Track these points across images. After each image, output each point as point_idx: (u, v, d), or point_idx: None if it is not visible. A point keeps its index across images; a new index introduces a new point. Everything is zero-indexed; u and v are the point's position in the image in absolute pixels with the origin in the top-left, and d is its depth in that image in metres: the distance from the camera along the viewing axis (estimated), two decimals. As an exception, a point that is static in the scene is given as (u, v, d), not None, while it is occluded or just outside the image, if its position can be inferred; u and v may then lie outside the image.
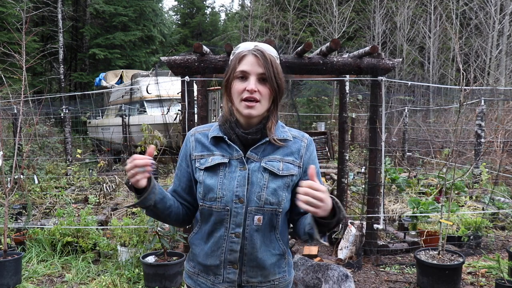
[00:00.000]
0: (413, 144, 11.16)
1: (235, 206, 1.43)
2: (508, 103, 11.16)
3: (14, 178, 5.01)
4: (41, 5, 17.65)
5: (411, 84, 9.32)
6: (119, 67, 18.99)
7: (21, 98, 4.32)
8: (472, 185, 7.24)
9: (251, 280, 1.47)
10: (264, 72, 1.41)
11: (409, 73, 18.64)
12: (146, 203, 1.42)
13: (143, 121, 8.91)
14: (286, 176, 1.45)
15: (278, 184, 1.44)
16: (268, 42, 3.81)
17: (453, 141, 6.09)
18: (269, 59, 1.42)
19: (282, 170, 1.45)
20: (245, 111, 1.42)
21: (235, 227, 1.44)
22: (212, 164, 1.46)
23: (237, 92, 1.43)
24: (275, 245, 1.49)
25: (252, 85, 1.40)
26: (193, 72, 4.14)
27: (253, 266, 1.46)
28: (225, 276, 1.47)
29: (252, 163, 1.45)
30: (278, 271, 1.51)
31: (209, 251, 1.48)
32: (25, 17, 5.57)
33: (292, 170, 1.47)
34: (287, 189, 1.46)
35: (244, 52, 1.45)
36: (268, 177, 1.44)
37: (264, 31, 20.29)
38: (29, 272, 4.15)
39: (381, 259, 4.54)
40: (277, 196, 1.43)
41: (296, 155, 1.49)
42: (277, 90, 1.45)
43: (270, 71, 1.41)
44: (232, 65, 1.46)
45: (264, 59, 1.41)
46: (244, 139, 1.46)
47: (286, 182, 1.45)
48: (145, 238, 4.43)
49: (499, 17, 14.65)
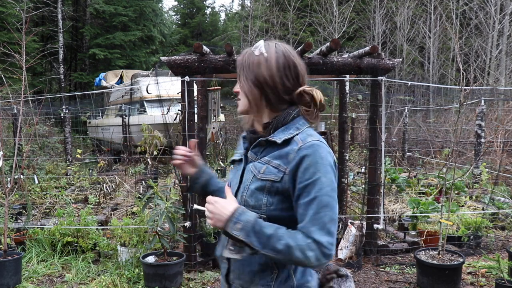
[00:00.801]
0: (413, 144, 11.16)
1: None
2: (508, 103, 11.16)
3: (14, 178, 5.02)
4: (41, 5, 17.65)
5: (411, 84, 9.33)
6: (119, 67, 18.99)
7: (21, 98, 4.32)
8: (472, 185, 7.24)
9: (236, 281, 1.43)
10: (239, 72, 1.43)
11: (409, 73, 18.64)
12: (192, 189, 1.69)
13: (143, 121, 8.92)
14: (264, 180, 1.35)
15: (256, 187, 1.36)
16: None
17: (453, 141, 6.09)
18: (244, 54, 1.42)
19: (263, 173, 1.36)
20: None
21: None
22: (231, 160, 1.60)
23: None
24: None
25: (235, 87, 1.46)
26: (193, 72, 4.14)
27: (236, 267, 1.42)
28: (222, 269, 1.50)
29: (250, 162, 1.45)
30: (261, 283, 1.36)
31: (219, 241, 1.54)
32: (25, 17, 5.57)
33: (273, 175, 1.33)
34: (269, 194, 1.34)
35: None
36: (251, 178, 1.39)
37: (264, 31, 20.29)
38: (29, 272, 4.15)
39: (381, 259, 4.54)
40: (256, 199, 1.35)
41: (285, 160, 1.33)
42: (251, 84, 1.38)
43: (240, 64, 1.42)
44: None
45: (241, 57, 1.42)
46: (249, 138, 1.49)
47: (265, 186, 1.34)
48: (145, 238, 4.43)
49: (499, 17, 14.65)
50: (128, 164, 9.04)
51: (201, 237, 4.54)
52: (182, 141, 4.25)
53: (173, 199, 4.51)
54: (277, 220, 1.32)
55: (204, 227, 4.62)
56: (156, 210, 3.85)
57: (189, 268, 4.23)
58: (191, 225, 4.20)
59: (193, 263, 4.26)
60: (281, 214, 1.34)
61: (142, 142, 7.10)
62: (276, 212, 1.34)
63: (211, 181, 1.67)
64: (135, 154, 8.98)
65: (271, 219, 1.32)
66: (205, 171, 1.67)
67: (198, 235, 4.40)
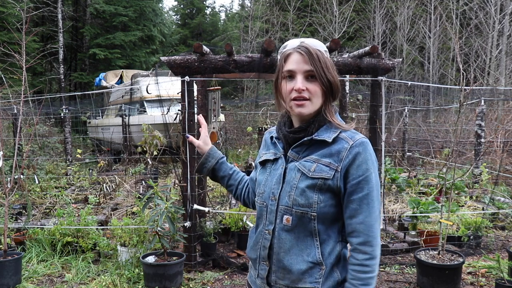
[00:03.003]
0: (413, 144, 11.16)
1: (270, 203, 1.45)
2: (508, 103, 11.16)
3: (14, 178, 5.01)
4: (41, 5, 17.64)
5: (411, 84, 9.32)
6: (119, 67, 18.99)
7: (21, 98, 4.32)
8: (472, 185, 7.24)
9: (279, 281, 1.43)
10: (312, 69, 1.36)
11: (409, 73, 18.63)
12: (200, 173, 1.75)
13: (143, 121, 8.92)
14: (316, 178, 1.36)
15: (307, 185, 1.37)
16: (267, 42, 3.82)
17: (453, 141, 6.09)
18: (315, 54, 1.36)
19: (314, 171, 1.37)
20: (296, 110, 1.39)
21: (268, 224, 1.45)
22: (261, 160, 1.56)
23: (286, 93, 1.41)
24: (311, 252, 1.38)
25: (299, 84, 1.36)
26: (193, 72, 4.14)
27: (280, 267, 1.42)
28: (259, 271, 1.49)
29: (292, 162, 1.44)
30: (309, 280, 1.38)
31: (252, 244, 1.53)
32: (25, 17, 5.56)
33: (325, 173, 1.36)
34: (320, 191, 1.36)
35: (289, 50, 1.41)
36: (300, 177, 1.39)
37: (264, 31, 20.29)
38: (29, 272, 4.15)
39: (381, 259, 4.53)
40: (306, 197, 1.37)
41: (336, 157, 1.37)
42: (328, 86, 1.38)
43: (318, 66, 1.36)
44: (279, 65, 1.44)
45: (310, 55, 1.36)
46: (287, 138, 1.46)
47: (316, 184, 1.36)
48: (145, 238, 4.43)
49: (499, 17, 14.64)
50: (128, 164, 9.04)
51: (201, 237, 4.54)
52: (182, 141, 4.25)
53: (173, 199, 4.50)
54: (325, 217, 1.38)
55: (204, 227, 4.62)
56: (156, 210, 3.85)
57: (189, 268, 4.23)
58: (191, 225, 4.20)
59: (193, 263, 4.26)
60: (329, 211, 1.39)
61: (142, 142, 7.09)
62: (326, 209, 1.38)
63: (220, 167, 1.72)
64: (135, 154, 8.98)
65: (319, 216, 1.38)
66: (212, 156, 1.71)
67: (198, 235, 4.40)
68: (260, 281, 1.49)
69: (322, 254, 1.39)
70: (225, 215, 5.17)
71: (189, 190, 4.17)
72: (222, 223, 5.05)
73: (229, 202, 6.27)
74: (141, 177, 7.82)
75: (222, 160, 1.73)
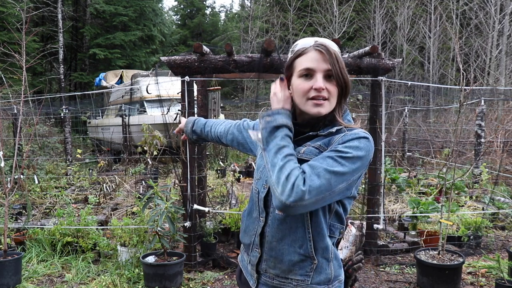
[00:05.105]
0: (413, 144, 11.16)
1: (263, 191, 1.44)
2: (508, 103, 11.15)
3: (14, 178, 5.01)
4: (41, 5, 17.64)
5: (411, 84, 9.31)
6: (119, 67, 19.00)
7: (21, 98, 4.32)
8: (472, 185, 7.24)
9: (270, 270, 1.43)
10: (330, 69, 1.32)
11: (409, 73, 18.63)
12: (189, 139, 1.96)
13: (143, 121, 8.92)
14: (304, 160, 1.31)
15: None
16: (267, 42, 3.82)
17: (453, 141, 6.09)
18: (333, 54, 1.32)
19: (303, 153, 1.34)
20: (313, 110, 1.33)
21: (262, 211, 1.45)
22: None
23: (302, 92, 1.34)
24: (303, 244, 1.37)
25: (320, 83, 1.31)
26: (193, 72, 4.14)
27: (272, 256, 1.41)
28: (251, 257, 1.49)
29: None
30: (300, 272, 1.38)
31: (245, 228, 1.52)
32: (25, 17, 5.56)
33: (313, 155, 1.32)
34: None
35: (306, 47, 1.36)
36: None
37: (264, 32, 20.29)
38: (29, 272, 4.15)
39: (381, 259, 4.54)
40: None
41: (327, 142, 1.34)
42: (344, 87, 1.35)
43: (336, 67, 1.32)
44: (290, 62, 1.40)
45: (329, 55, 1.32)
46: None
47: None
48: (145, 238, 4.43)
49: (499, 17, 14.64)
50: (128, 164, 9.04)
51: (201, 237, 4.54)
52: (182, 141, 4.25)
53: (173, 199, 4.50)
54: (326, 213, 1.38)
55: (204, 227, 4.62)
56: (156, 210, 3.85)
57: (189, 268, 4.23)
58: (191, 225, 4.20)
59: (193, 263, 4.26)
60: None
61: (142, 142, 7.09)
62: None
63: (197, 126, 1.90)
64: (135, 154, 8.98)
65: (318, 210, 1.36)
66: (189, 121, 1.93)
67: (198, 235, 4.40)
68: (251, 268, 1.50)
69: (314, 248, 1.37)
70: (225, 215, 5.17)
71: (189, 190, 4.17)
72: (222, 223, 5.05)
73: (229, 202, 6.28)
74: (141, 177, 7.82)
75: (197, 120, 1.92)
